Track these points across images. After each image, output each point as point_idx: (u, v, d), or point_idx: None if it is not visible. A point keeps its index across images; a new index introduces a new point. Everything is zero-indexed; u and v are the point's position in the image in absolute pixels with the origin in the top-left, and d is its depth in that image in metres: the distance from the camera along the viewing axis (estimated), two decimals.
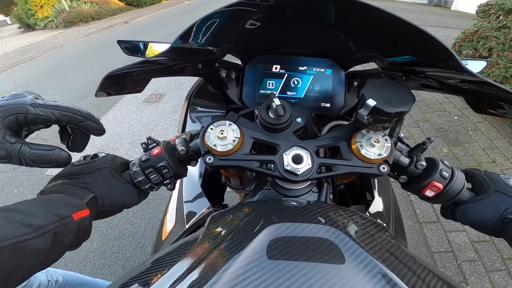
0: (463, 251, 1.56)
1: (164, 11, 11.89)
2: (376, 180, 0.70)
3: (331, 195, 0.57)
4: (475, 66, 0.65)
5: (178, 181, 0.75)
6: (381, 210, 0.65)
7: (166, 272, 0.29)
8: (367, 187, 0.70)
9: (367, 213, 0.62)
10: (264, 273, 0.25)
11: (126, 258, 1.63)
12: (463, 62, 0.65)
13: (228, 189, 0.76)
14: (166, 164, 0.42)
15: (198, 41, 0.44)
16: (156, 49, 0.69)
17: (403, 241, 0.68)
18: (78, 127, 0.41)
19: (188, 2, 13.55)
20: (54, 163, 0.38)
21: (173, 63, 0.48)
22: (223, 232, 0.35)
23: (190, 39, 0.42)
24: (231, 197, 1.76)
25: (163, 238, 0.69)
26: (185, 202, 0.69)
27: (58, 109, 0.38)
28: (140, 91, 0.49)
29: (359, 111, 0.38)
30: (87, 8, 11.65)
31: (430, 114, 2.80)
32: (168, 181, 0.44)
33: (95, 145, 2.64)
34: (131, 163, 0.43)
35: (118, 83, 0.43)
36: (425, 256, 1.55)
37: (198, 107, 0.74)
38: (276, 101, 0.40)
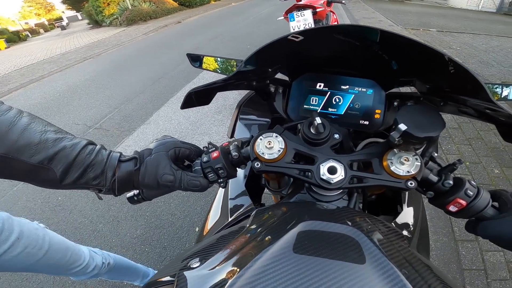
0: (496, 270, 1.53)
1: (213, 11, 12.40)
2: (407, 193, 0.73)
3: (361, 204, 0.62)
4: None
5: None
6: (407, 222, 0.68)
7: (217, 253, 0.35)
8: (398, 200, 0.73)
9: (392, 223, 0.65)
10: (287, 265, 0.28)
11: (163, 246, 1.75)
12: (507, 86, 0.64)
13: (265, 191, 0.83)
14: (222, 166, 0.49)
15: (256, 65, 0.52)
16: (209, 60, 0.79)
17: (425, 255, 0.70)
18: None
19: (235, 4, 13.97)
20: (199, 187, 0.48)
21: (233, 81, 0.56)
22: (263, 226, 0.40)
23: (251, 64, 0.50)
24: (265, 198, 1.84)
25: (206, 229, 0.79)
26: (230, 198, 0.78)
27: (192, 145, 0.52)
28: (208, 103, 0.59)
29: (391, 134, 0.41)
30: (146, 7, 12.60)
31: (485, 132, 2.59)
32: (221, 180, 0.51)
33: (147, 139, 2.92)
34: (193, 163, 0.52)
35: (194, 98, 0.54)
36: (454, 272, 1.54)
37: (246, 115, 0.82)
38: (318, 120, 0.45)
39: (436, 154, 0.48)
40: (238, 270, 0.29)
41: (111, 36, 9.37)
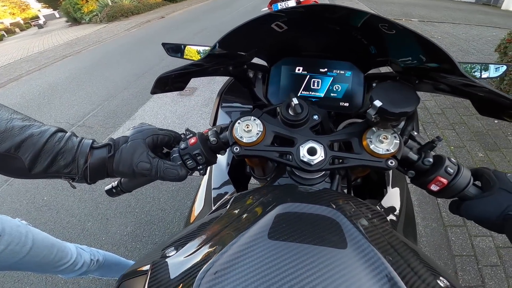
0: (486, 256, 1.53)
1: (198, 5, 12.21)
2: (391, 176, 0.74)
3: (346, 189, 0.62)
4: (494, 70, 0.66)
5: (208, 170, 0.84)
6: (393, 205, 0.69)
7: (192, 240, 0.35)
8: (383, 183, 0.73)
9: (377, 207, 0.65)
10: (261, 251, 0.28)
11: (155, 242, 1.73)
12: (486, 67, 0.66)
13: (252, 181, 0.84)
14: (200, 152, 0.48)
15: (230, 48, 0.50)
16: (192, 51, 0.77)
17: (412, 239, 0.70)
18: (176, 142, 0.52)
19: None
20: (177, 176, 0.47)
21: (208, 65, 0.53)
22: (240, 210, 0.39)
23: (224, 47, 0.47)
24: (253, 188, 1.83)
25: (192, 220, 0.78)
26: (213, 188, 0.77)
27: (171, 131, 0.51)
28: (182, 89, 0.57)
29: (367, 111, 0.42)
30: (127, 3, 12.28)
31: (468, 117, 2.66)
32: (200, 166, 0.50)
33: None
34: (172, 150, 0.50)
35: (165, 83, 0.51)
36: (445, 259, 1.54)
37: (228, 103, 0.80)
38: (295, 100, 0.45)
39: (415, 133, 0.48)
40: (211, 256, 0.28)
41: (91, 33, 9.07)
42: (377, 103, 0.39)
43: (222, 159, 0.81)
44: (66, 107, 3.71)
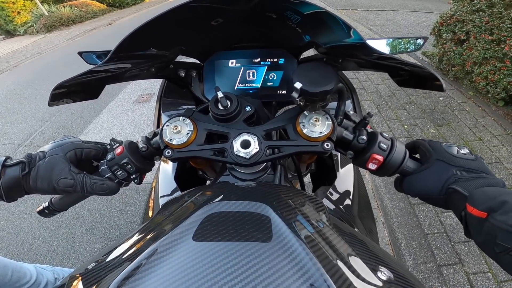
0: (456, 232, 1.56)
1: (147, 10, 11.71)
2: (339, 159, 0.75)
3: (299, 179, 0.62)
4: (413, 44, 0.70)
5: (155, 176, 0.81)
6: (346, 188, 0.70)
7: (113, 253, 0.34)
8: (336, 167, 0.74)
9: (331, 191, 0.67)
10: (185, 254, 0.27)
11: None
12: (418, 44, 0.70)
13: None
14: (128, 161, 0.46)
15: (141, 48, 0.45)
16: None
17: (368, 219, 0.72)
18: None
19: (171, 0, 13.34)
20: (107, 191, 0.45)
21: (122, 70, 0.48)
22: (167, 215, 0.38)
23: (132, 47, 0.42)
24: None
25: None
26: (162, 196, 0.73)
27: (99, 143, 0.48)
28: (96, 97, 0.51)
29: (292, 94, 0.41)
30: (67, 11, 11.35)
31: (415, 97, 2.87)
32: (133, 176, 0.48)
33: None
34: (100, 163, 0.47)
35: (70, 92, 0.45)
36: (419, 238, 1.56)
37: (170, 106, 0.76)
38: (219, 94, 0.44)
39: (351, 112, 0.47)
40: (126, 265, 0.27)
41: (28, 44, 8.22)
42: (298, 85, 0.38)
43: (169, 165, 0.77)
44: (9, 127, 3.36)
